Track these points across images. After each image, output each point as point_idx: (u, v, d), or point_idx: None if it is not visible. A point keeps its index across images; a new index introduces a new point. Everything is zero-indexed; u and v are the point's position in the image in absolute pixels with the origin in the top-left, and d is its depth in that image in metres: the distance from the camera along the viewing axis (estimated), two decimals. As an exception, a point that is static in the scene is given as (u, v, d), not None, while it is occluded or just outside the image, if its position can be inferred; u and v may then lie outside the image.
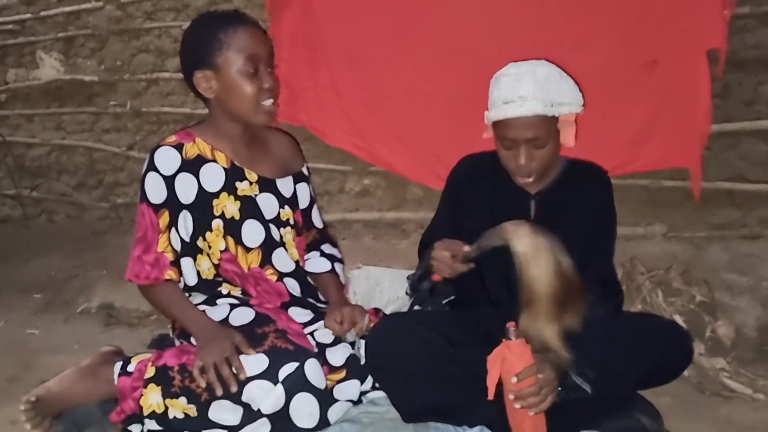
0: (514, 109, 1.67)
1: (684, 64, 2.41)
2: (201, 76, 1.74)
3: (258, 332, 1.70)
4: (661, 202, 2.64)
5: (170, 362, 1.68)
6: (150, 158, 1.75)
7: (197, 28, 1.80)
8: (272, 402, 1.57)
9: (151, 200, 1.75)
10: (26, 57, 3.69)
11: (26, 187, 3.81)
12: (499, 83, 1.74)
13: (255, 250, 1.82)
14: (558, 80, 1.73)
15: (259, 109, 1.74)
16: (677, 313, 2.17)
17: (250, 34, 1.72)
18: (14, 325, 2.73)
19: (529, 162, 1.73)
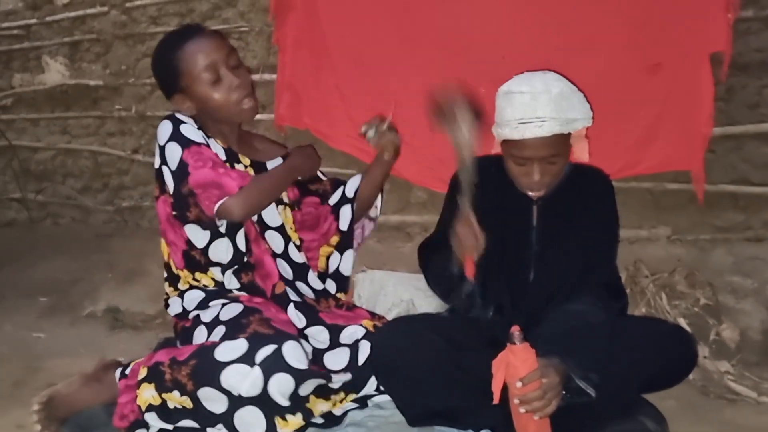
0: (533, 131, 1.66)
1: (687, 67, 2.41)
2: (178, 99, 1.82)
3: (243, 322, 1.73)
4: (665, 205, 2.64)
5: (161, 359, 1.71)
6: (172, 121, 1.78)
7: (155, 61, 1.89)
8: (250, 384, 1.57)
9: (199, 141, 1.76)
10: (32, 62, 3.71)
11: (32, 190, 3.83)
12: (513, 102, 1.70)
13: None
14: (570, 96, 1.72)
15: (237, 109, 1.80)
16: (681, 316, 2.17)
17: (198, 47, 1.77)
18: (20, 329, 2.74)
19: (541, 178, 1.74)
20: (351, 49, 2.85)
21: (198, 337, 1.79)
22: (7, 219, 3.92)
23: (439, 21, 2.69)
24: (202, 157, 1.73)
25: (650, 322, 1.93)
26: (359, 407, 1.84)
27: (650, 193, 2.65)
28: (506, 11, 2.59)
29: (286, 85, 2.97)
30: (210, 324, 1.79)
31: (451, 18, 2.67)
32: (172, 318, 1.96)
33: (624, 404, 1.69)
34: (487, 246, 1.73)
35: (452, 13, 2.67)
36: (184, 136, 1.75)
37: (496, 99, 1.79)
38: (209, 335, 1.76)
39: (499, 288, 1.82)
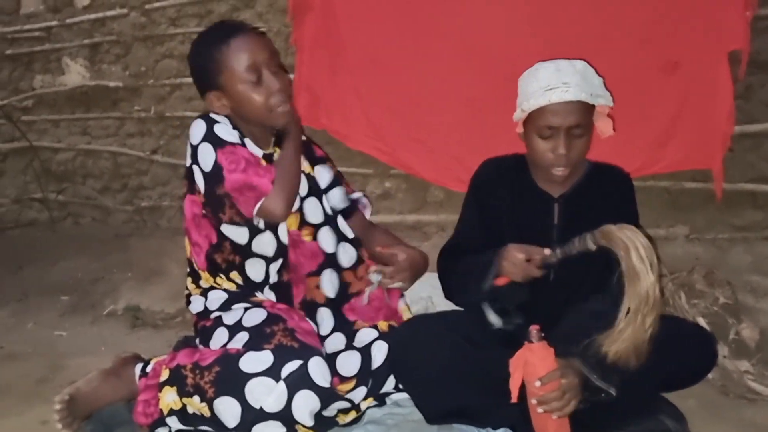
0: (560, 95, 1.68)
1: (705, 65, 2.40)
2: (212, 97, 1.77)
3: (267, 331, 1.72)
4: (683, 204, 2.63)
5: (183, 361, 1.71)
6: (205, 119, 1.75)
7: (195, 53, 1.83)
8: (274, 400, 1.58)
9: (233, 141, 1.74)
10: (52, 63, 3.75)
11: (52, 190, 3.87)
12: (537, 74, 1.75)
13: (294, 214, 1.83)
14: (593, 74, 1.78)
15: (273, 113, 1.76)
16: (700, 316, 2.16)
17: (244, 45, 1.73)
18: (43, 327, 2.78)
19: (568, 151, 1.72)
20: (368, 50, 2.86)
21: (218, 338, 1.80)
22: (29, 219, 3.97)
23: (454, 21, 2.70)
24: (236, 158, 1.70)
25: (670, 321, 1.91)
26: (378, 405, 1.85)
27: (668, 192, 2.64)
28: (521, 10, 2.59)
29: (303, 86, 2.98)
30: (232, 327, 1.79)
31: (467, 18, 2.67)
32: (192, 315, 1.97)
33: (644, 403, 1.69)
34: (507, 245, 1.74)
35: (468, 13, 2.67)
36: (217, 137, 1.71)
37: (520, 83, 1.81)
38: (230, 339, 1.77)
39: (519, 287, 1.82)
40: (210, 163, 1.71)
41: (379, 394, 1.84)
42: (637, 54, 2.45)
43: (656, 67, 2.45)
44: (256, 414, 1.60)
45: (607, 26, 2.47)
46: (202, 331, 1.88)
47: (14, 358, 2.48)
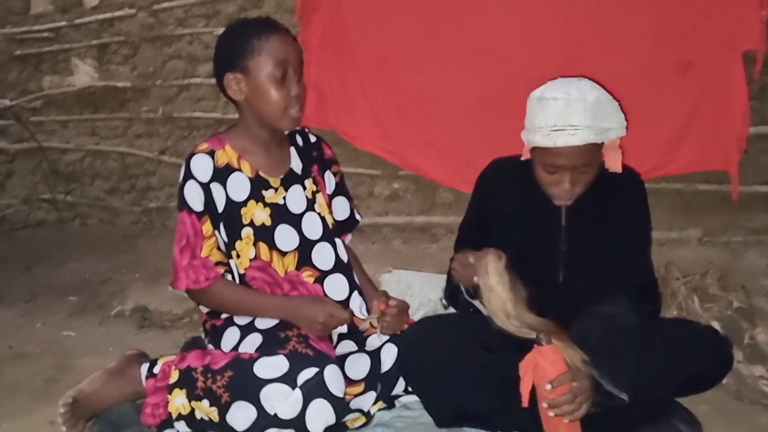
0: (566, 138, 1.61)
1: (719, 65, 2.39)
2: (232, 78, 1.76)
3: (281, 336, 1.71)
4: (696, 206, 2.61)
5: (194, 364, 1.69)
6: (186, 166, 1.77)
7: (231, 32, 1.81)
8: (289, 407, 1.57)
9: (193, 208, 1.75)
10: (61, 64, 3.76)
11: (61, 191, 3.88)
12: (546, 108, 1.64)
13: (290, 253, 1.82)
14: (606, 104, 1.66)
15: (285, 114, 1.75)
16: (714, 320, 2.13)
17: (282, 41, 1.74)
18: (51, 327, 2.78)
19: (572, 187, 1.70)
20: (376, 50, 2.85)
21: (228, 338, 1.78)
22: (37, 219, 3.98)
23: (464, 21, 2.68)
24: (182, 231, 1.75)
25: (684, 325, 1.90)
26: (387, 407, 1.83)
27: (680, 194, 2.62)
28: (532, 10, 2.57)
29: (311, 86, 2.95)
30: (244, 328, 1.78)
31: (477, 18, 2.66)
32: (202, 314, 1.95)
33: (657, 408, 1.67)
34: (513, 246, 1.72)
35: (478, 12, 2.66)
36: (182, 197, 1.76)
37: (528, 103, 1.73)
38: (241, 339, 1.75)
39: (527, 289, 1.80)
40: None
41: (389, 397, 1.82)
42: (651, 54, 2.44)
43: (670, 68, 2.43)
44: (270, 420, 1.59)
45: (620, 26, 2.45)
46: (212, 330, 1.86)
47: (23, 357, 2.47)
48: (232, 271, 1.82)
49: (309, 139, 1.97)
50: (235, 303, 1.80)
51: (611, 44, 2.44)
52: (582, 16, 2.50)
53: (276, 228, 1.80)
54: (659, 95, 2.44)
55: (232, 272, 1.82)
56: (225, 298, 1.79)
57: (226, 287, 1.79)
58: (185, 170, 1.76)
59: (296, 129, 1.91)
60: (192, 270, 1.76)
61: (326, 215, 1.89)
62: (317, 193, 1.89)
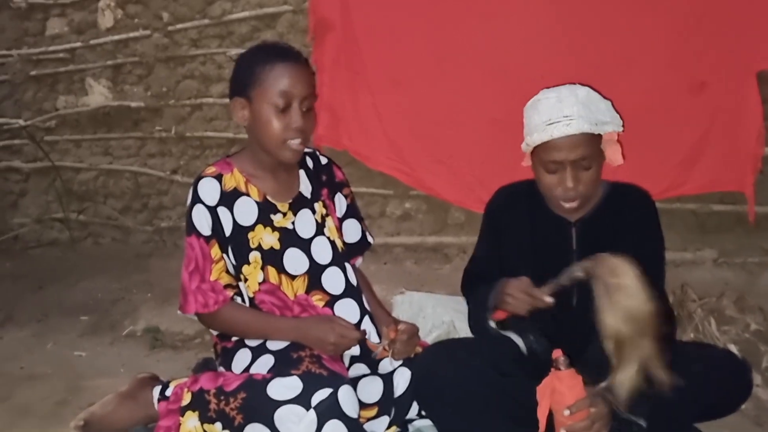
0: (561, 129, 1.63)
1: (733, 86, 2.38)
2: (237, 104, 1.77)
3: (293, 357, 1.70)
4: (711, 227, 2.59)
5: (206, 386, 1.69)
6: (194, 190, 1.77)
7: (244, 58, 1.83)
8: (304, 428, 1.55)
9: (201, 232, 1.76)
10: (76, 84, 3.79)
11: (73, 210, 3.89)
12: (538, 107, 1.70)
13: (300, 277, 1.82)
14: (598, 101, 1.71)
15: (284, 146, 1.75)
16: (731, 342, 2.10)
17: (290, 72, 1.73)
18: (62, 347, 2.78)
19: (576, 185, 1.68)
20: (389, 70, 2.86)
21: (240, 359, 1.77)
22: (50, 238, 3.99)
23: (476, 42, 2.69)
24: (190, 255, 1.76)
25: (702, 349, 1.87)
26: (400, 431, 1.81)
27: (695, 215, 2.60)
28: (545, 30, 2.58)
29: (324, 106, 2.98)
30: (255, 349, 1.77)
31: (489, 39, 2.67)
32: (212, 337, 1.95)
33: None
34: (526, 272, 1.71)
35: (490, 33, 2.67)
36: (190, 221, 1.76)
37: (524, 114, 1.76)
38: (253, 360, 1.74)
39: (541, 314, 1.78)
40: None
41: (402, 421, 1.80)
42: (665, 75, 2.44)
43: (684, 88, 2.43)
44: None
45: (633, 46, 2.46)
46: (223, 352, 1.85)
47: (34, 378, 2.47)
48: (242, 294, 1.81)
49: (320, 161, 1.96)
50: (245, 326, 1.79)
51: (625, 65, 2.44)
52: (595, 37, 2.50)
53: (285, 252, 1.80)
54: (673, 116, 2.44)
55: (242, 295, 1.81)
56: (235, 321, 1.79)
57: (236, 310, 1.79)
58: (193, 194, 1.77)
59: (307, 151, 1.91)
60: (201, 294, 1.76)
61: (336, 239, 1.88)
62: (327, 217, 1.89)
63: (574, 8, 2.52)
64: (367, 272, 2.07)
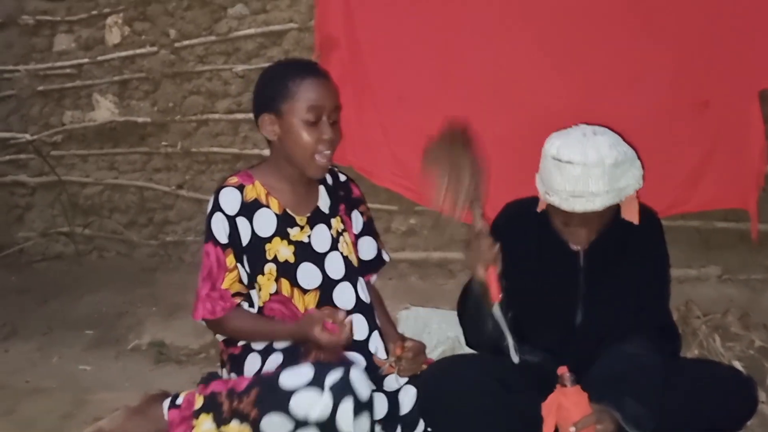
0: (584, 205, 1.62)
1: (736, 104, 2.40)
2: (266, 119, 1.79)
3: (301, 350, 1.73)
4: (715, 244, 2.60)
5: (218, 388, 1.70)
6: (215, 198, 1.79)
7: (270, 74, 1.86)
8: (321, 409, 1.57)
9: (219, 239, 1.77)
10: (82, 99, 3.82)
11: (79, 224, 3.91)
12: (563, 172, 1.62)
13: (312, 292, 1.83)
14: (623, 162, 1.64)
15: (313, 159, 1.77)
16: (736, 359, 2.11)
17: (318, 86, 1.76)
18: (67, 361, 2.79)
19: (588, 234, 1.74)
20: (394, 87, 2.89)
21: (250, 364, 1.79)
22: (55, 252, 4.00)
23: (482, 59, 2.71)
24: (206, 262, 1.78)
25: (706, 365, 1.88)
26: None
27: (699, 232, 2.61)
28: (550, 49, 2.60)
29: (330, 122, 3.00)
30: (264, 351, 1.79)
31: (495, 56, 2.69)
32: (218, 350, 1.96)
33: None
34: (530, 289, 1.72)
35: (495, 51, 2.69)
36: (209, 229, 1.78)
37: (543, 158, 1.72)
38: (263, 363, 1.76)
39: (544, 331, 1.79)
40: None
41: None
42: (668, 94, 2.46)
43: (687, 107, 2.45)
44: (302, 426, 1.59)
45: (637, 68, 2.48)
46: (230, 360, 1.86)
47: (39, 392, 2.48)
48: (252, 301, 1.83)
49: (339, 178, 1.99)
50: (250, 330, 1.81)
51: (628, 85, 2.46)
52: (599, 56, 2.52)
53: (299, 266, 1.82)
54: (676, 134, 2.45)
55: (252, 302, 1.83)
56: (239, 326, 1.81)
57: (240, 316, 1.81)
58: (213, 202, 1.79)
59: None
60: (209, 301, 1.79)
61: (350, 255, 1.90)
62: (343, 233, 1.90)
63: (579, 28, 2.55)
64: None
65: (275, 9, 3.24)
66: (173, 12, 3.48)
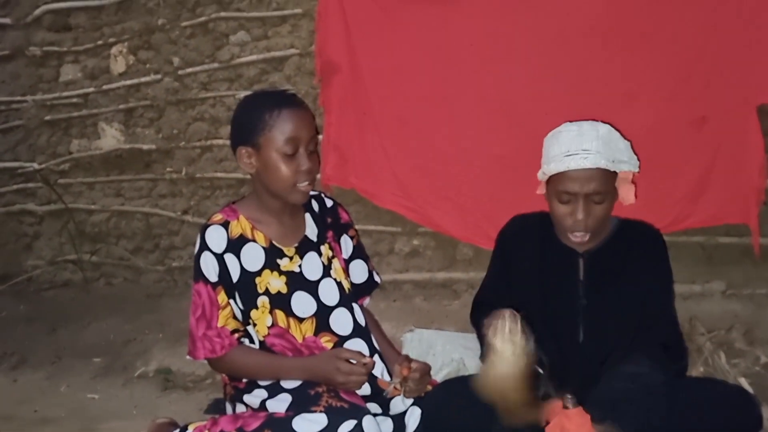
0: (578, 161, 1.67)
1: (734, 120, 2.42)
2: (244, 152, 1.79)
3: (311, 393, 1.71)
4: (718, 259, 2.60)
5: (227, 428, 1.69)
6: (201, 238, 1.80)
7: (246, 106, 1.86)
8: None
9: (209, 278, 1.78)
10: (89, 128, 3.87)
11: (86, 251, 3.94)
12: (559, 138, 1.74)
13: (308, 320, 1.83)
14: (617, 140, 1.75)
15: (294, 189, 1.78)
16: (742, 376, 2.10)
17: (294, 118, 1.76)
18: (75, 390, 2.81)
19: (586, 218, 1.71)
20: (395, 110, 2.92)
21: (254, 399, 1.79)
22: (63, 280, 4.04)
23: (481, 80, 2.74)
24: (197, 302, 1.78)
25: (709, 384, 1.87)
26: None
27: (702, 248, 2.61)
28: (548, 68, 2.63)
29: (332, 146, 3.04)
30: (270, 388, 1.78)
31: (494, 77, 2.72)
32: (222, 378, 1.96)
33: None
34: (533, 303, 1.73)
35: (494, 72, 2.71)
36: (198, 268, 1.78)
37: (544, 144, 1.81)
38: (269, 398, 1.76)
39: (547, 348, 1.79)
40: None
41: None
42: (667, 111, 2.47)
43: (686, 123, 2.46)
44: None
45: (635, 83, 2.50)
46: (235, 394, 1.85)
47: (48, 422, 2.49)
48: (252, 338, 1.83)
49: (325, 204, 1.98)
50: (254, 368, 1.80)
51: (627, 101, 2.48)
52: (598, 74, 2.55)
53: (292, 295, 1.82)
54: (676, 150, 2.47)
55: (251, 339, 1.83)
56: (243, 364, 1.80)
57: (243, 353, 1.80)
58: (200, 241, 1.79)
59: (312, 194, 1.94)
60: (208, 340, 1.78)
61: (343, 280, 1.90)
62: (333, 259, 1.91)
63: (577, 46, 2.57)
64: (377, 310, 2.09)
65: (276, 35, 3.28)
66: (176, 40, 3.53)
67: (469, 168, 2.81)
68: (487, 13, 2.70)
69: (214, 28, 3.42)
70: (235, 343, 1.79)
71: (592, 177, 1.68)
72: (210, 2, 3.40)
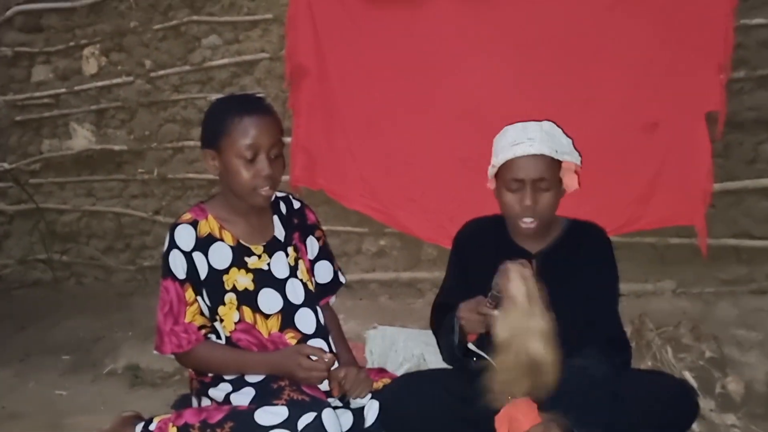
0: (524, 148, 1.78)
1: (684, 125, 2.51)
2: (208, 155, 1.85)
3: (274, 387, 1.77)
4: (670, 259, 2.70)
5: (191, 420, 1.74)
6: (170, 236, 1.84)
7: (213, 110, 1.90)
8: None
9: (177, 275, 1.82)
10: (60, 128, 3.89)
11: (57, 251, 3.95)
12: (506, 133, 1.87)
13: (274, 316, 1.88)
14: (560, 135, 1.86)
15: (254, 192, 1.82)
16: (687, 369, 2.20)
17: (255, 125, 1.80)
18: (43, 386, 2.82)
19: (534, 204, 1.80)
20: (362, 113, 2.98)
21: (219, 393, 1.84)
22: (33, 279, 4.04)
23: (445, 85, 2.82)
24: (165, 298, 1.83)
25: (652, 376, 1.96)
26: (369, 461, 1.88)
27: (654, 248, 2.71)
28: (509, 75, 2.71)
29: (300, 148, 3.09)
30: (235, 382, 1.83)
31: (457, 83, 2.79)
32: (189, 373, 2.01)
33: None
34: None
35: (458, 78, 2.79)
36: (166, 265, 1.83)
37: (494, 142, 1.91)
38: (233, 391, 1.81)
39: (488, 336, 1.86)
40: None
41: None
42: (620, 116, 2.57)
43: (637, 129, 2.56)
44: None
45: (590, 89, 2.59)
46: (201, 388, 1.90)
47: (15, 417, 2.51)
48: (219, 333, 1.88)
49: (292, 205, 2.03)
50: (220, 362, 1.85)
51: (582, 107, 2.56)
52: (555, 80, 2.63)
53: (259, 292, 1.87)
54: (628, 155, 2.56)
55: (218, 334, 1.88)
56: (209, 358, 1.85)
57: (209, 348, 1.85)
58: (169, 240, 1.83)
59: (280, 196, 2.01)
60: (175, 336, 1.82)
61: (308, 281, 1.96)
62: (299, 260, 1.96)
63: (536, 54, 2.66)
64: (344, 308, 2.13)
65: (247, 39, 3.34)
66: (149, 43, 3.57)
67: (433, 170, 2.88)
68: (452, 21, 2.78)
69: (186, 32, 3.46)
70: (202, 338, 1.84)
71: (537, 163, 1.79)
72: (182, 6, 3.45)
